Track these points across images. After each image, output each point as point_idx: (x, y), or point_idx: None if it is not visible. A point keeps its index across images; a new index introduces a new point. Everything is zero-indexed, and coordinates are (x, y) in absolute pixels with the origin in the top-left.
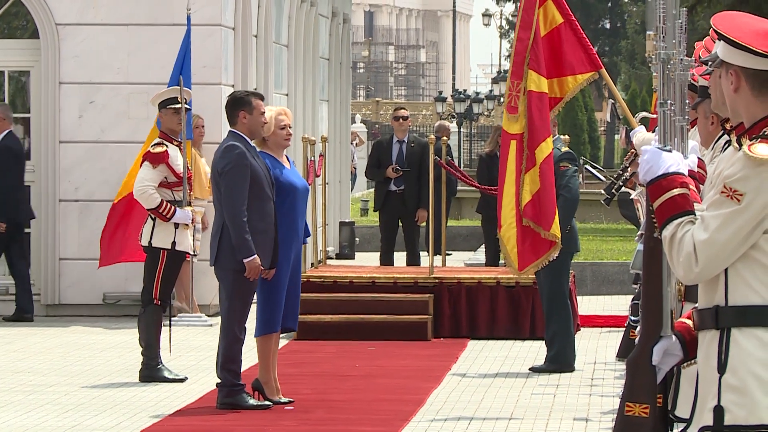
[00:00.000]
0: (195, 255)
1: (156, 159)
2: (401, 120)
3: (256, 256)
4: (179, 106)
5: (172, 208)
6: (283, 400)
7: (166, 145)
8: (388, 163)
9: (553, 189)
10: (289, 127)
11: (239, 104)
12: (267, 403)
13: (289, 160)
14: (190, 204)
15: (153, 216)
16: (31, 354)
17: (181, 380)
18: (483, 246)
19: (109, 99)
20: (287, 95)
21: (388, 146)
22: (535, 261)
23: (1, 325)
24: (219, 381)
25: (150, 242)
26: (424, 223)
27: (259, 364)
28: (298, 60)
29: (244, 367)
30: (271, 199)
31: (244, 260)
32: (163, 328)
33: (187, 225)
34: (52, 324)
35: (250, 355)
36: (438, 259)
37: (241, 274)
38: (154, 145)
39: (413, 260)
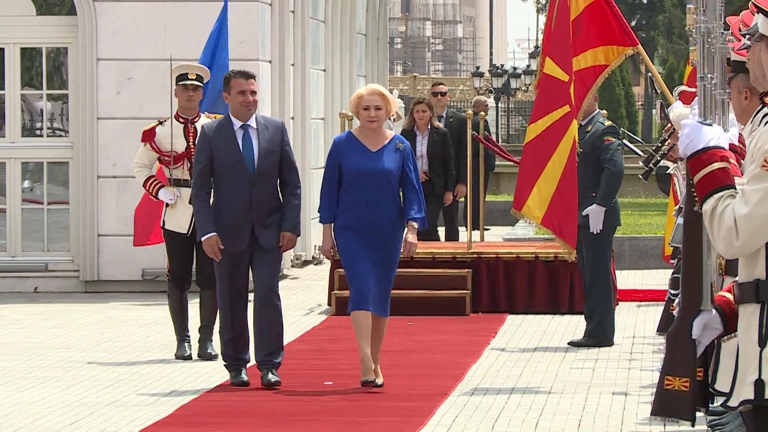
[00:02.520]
0: (186, 234)
1: (143, 137)
2: (439, 96)
3: (212, 234)
4: (189, 82)
5: (156, 185)
6: (377, 381)
7: (161, 123)
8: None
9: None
10: (376, 108)
11: (224, 84)
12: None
13: (391, 143)
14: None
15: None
16: (70, 330)
17: (211, 357)
18: (521, 221)
19: (147, 75)
20: (324, 71)
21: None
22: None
23: (40, 301)
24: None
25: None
26: (462, 198)
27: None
28: (335, 35)
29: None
30: (243, 182)
31: (201, 239)
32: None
33: (171, 205)
34: (91, 300)
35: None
36: (476, 234)
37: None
38: (151, 123)
39: (451, 235)
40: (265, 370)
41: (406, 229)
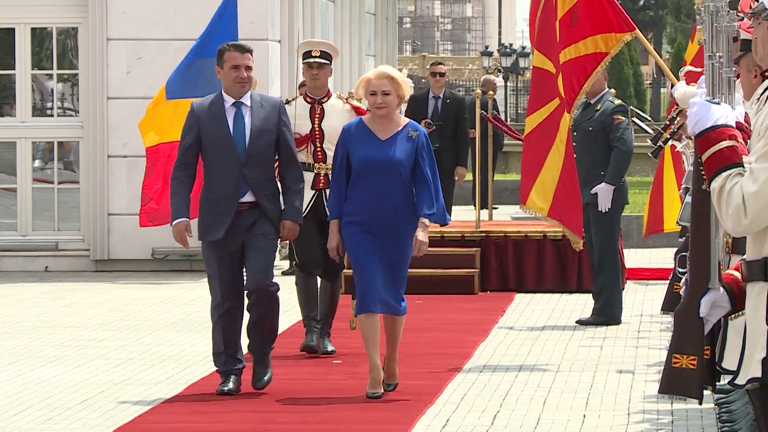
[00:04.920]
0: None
1: None
2: (438, 76)
3: (181, 221)
4: (313, 60)
5: None
6: (378, 393)
7: (287, 103)
8: (422, 118)
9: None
10: (384, 94)
11: (217, 57)
12: (225, 388)
13: (403, 131)
14: None
15: None
16: (80, 309)
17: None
18: None
19: (157, 55)
20: None
21: (424, 101)
22: (560, 220)
23: (51, 280)
24: None
25: None
26: (470, 177)
27: None
28: (345, 15)
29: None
30: (232, 165)
31: (171, 223)
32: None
33: None
34: (101, 279)
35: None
36: (485, 213)
37: (204, 245)
38: None
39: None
40: (256, 364)
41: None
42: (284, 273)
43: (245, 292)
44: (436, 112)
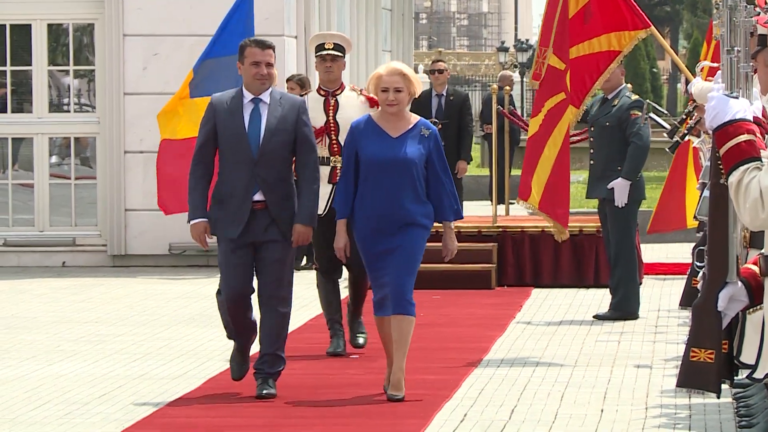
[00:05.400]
0: (322, 215)
1: None
2: (437, 73)
3: (199, 221)
4: (326, 52)
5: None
6: (396, 396)
7: (302, 96)
8: (426, 117)
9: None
10: (396, 91)
11: (238, 53)
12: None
13: (415, 129)
14: None
15: None
16: (98, 304)
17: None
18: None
19: (173, 51)
20: None
21: (427, 100)
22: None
23: (68, 275)
24: None
25: None
26: (487, 173)
27: None
28: (361, 11)
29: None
30: (245, 162)
31: (189, 222)
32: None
33: None
34: (118, 274)
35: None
36: (501, 209)
37: (219, 242)
38: None
39: None
40: (260, 379)
41: (443, 230)
42: (298, 269)
43: (258, 297)
44: (440, 110)
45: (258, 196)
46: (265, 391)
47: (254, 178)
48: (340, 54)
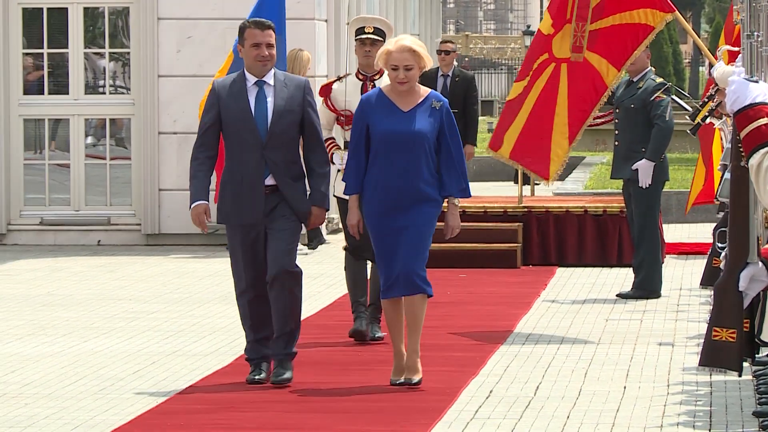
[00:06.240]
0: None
1: (320, 91)
2: (444, 54)
3: (199, 203)
4: (365, 36)
5: (331, 147)
6: (412, 379)
7: (339, 79)
8: None
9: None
10: (406, 69)
11: (238, 35)
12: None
13: (425, 102)
14: None
15: None
16: (132, 282)
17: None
18: (570, 175)
19: (206, 34)
20: None
21: (433, 80)
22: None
23: (102, 254)
24: None
25: None
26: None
27: None
28: None
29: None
30: (253, 146)
31: (190, 206)
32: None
33: (340, 170)
34: (152, 253)
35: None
36: (527, 189)
37: (228, 228)
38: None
39: None
40: (276, 363)
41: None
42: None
43: (267, 276)
44: (445, 90)
45: (269, 180)
46: (279, 377)
47: (264, 160)
48: (380, 38)
